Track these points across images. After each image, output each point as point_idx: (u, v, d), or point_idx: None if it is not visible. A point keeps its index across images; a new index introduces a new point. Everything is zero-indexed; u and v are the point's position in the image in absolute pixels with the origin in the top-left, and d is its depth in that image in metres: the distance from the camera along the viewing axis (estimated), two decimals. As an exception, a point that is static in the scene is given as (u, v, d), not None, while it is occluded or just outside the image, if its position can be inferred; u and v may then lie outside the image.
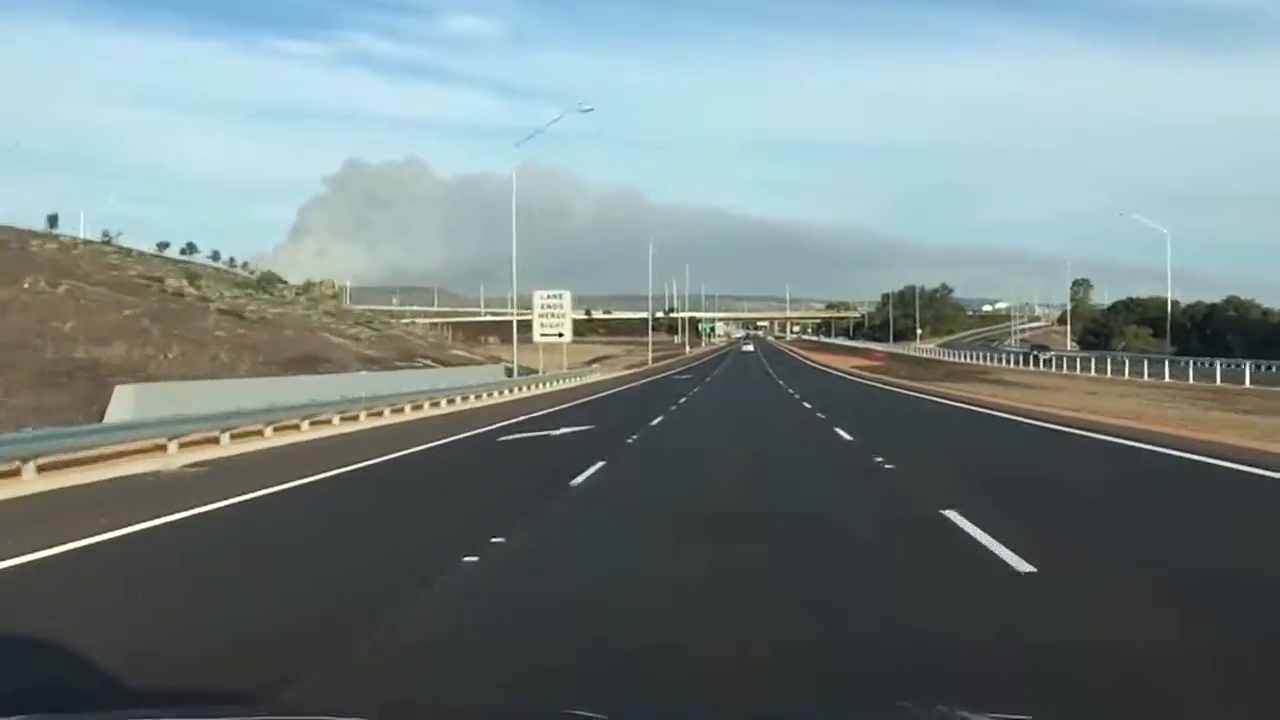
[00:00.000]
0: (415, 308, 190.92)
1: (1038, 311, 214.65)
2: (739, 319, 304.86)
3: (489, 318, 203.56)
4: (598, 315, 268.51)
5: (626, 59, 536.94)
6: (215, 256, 74.41)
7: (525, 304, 62.17)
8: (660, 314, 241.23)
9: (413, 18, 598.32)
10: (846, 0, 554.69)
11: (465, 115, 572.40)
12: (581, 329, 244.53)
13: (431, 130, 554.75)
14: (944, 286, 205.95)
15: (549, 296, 64.07)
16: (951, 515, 11.11)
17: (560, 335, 64.18)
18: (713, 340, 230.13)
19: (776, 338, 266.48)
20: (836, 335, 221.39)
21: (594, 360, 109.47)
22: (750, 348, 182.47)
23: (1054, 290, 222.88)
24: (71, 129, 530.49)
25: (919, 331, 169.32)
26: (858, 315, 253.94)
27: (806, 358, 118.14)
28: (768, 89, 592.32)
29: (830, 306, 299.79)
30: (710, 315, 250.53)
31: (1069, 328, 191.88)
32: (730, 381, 61.93)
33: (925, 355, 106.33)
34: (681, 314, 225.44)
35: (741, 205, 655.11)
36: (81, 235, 61.78)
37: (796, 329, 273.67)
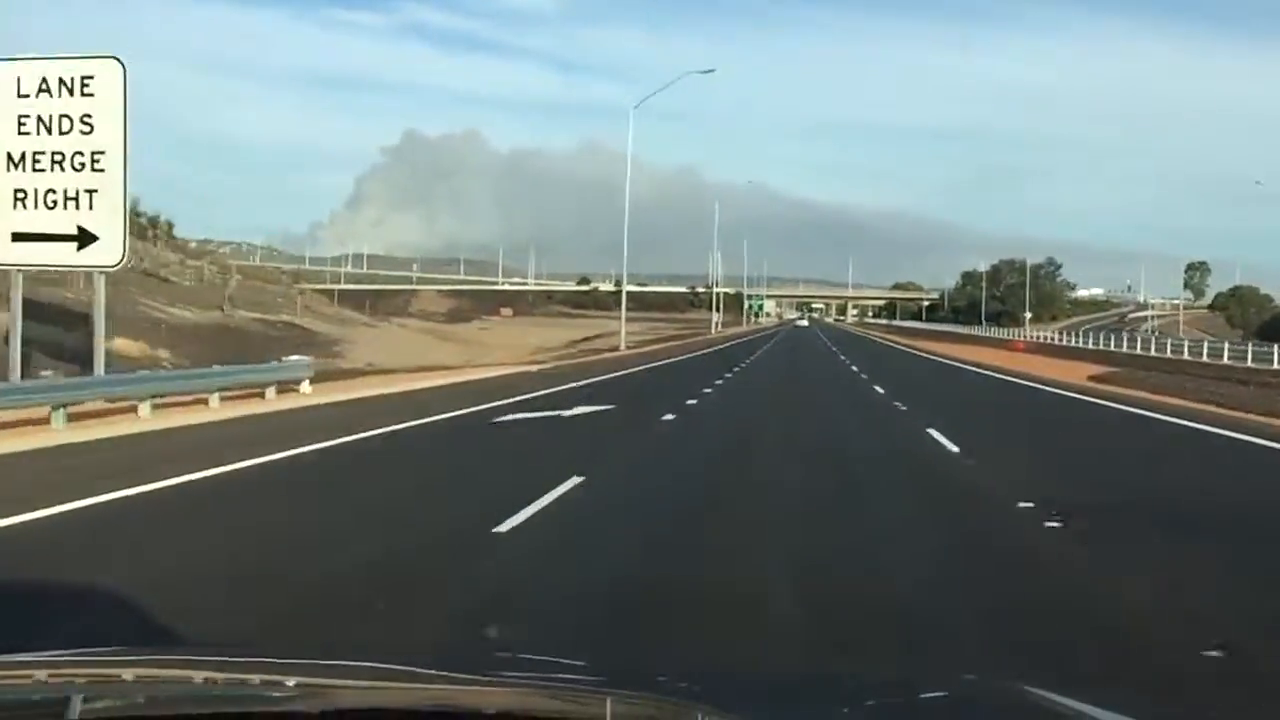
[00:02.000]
0: (436, 276, 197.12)
1: (1142, 297, 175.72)
2: (791, 298, 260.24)
3: (508, 287, 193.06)
4: (631, 288, 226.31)
5: (683, 37, 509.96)
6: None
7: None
8: (702, 289, 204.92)
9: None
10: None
11: (522, 89, 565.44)
12: (608, 302, 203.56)
13: (488, 103, 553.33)
14: (1050, 261, 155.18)
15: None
16: None
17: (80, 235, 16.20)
18: (759, 320, 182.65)
19: (836, 320, 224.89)
20: (902, 318, 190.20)
21: (587, 339, 75.54)
22: (805, 322, 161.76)
23: (1149, 279, 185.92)
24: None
25: (1027, 315, 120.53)
26: (930, 296, 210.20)
27: (914, 349, 67.94)
28: (824, 70, 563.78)
29: (896, 286, 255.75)
30: (757, 292, 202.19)
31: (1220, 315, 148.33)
32: (765, 448, 15.36)
33: (1112, 349, 57.57)
34: (717, 288, 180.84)
35: (795, 186, 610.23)
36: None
37: (855, 311, 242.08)
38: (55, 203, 16.60)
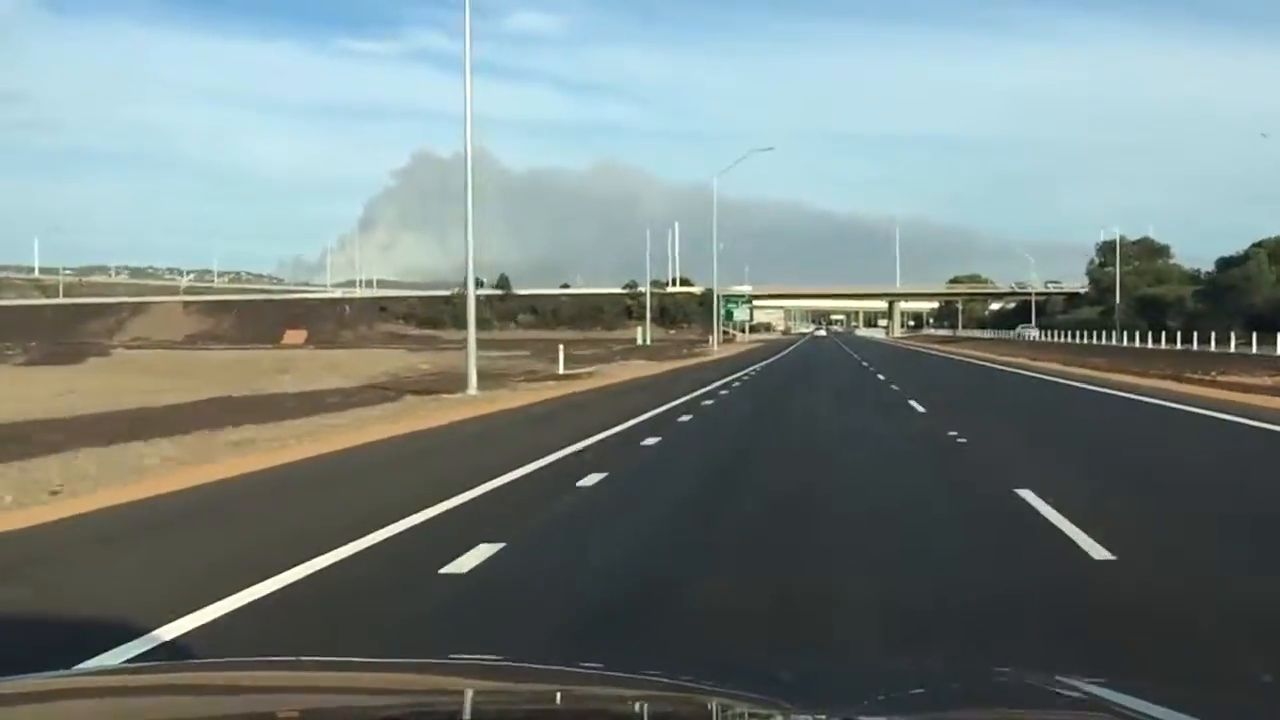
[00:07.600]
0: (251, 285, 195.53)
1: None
2: (803, 296, 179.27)
3: (323, 295, 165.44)
4: (540, 291, 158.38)
5: (690, 54, 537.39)
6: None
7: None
8: (650, 287, 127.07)
9: (477, 16, 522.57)
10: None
11: (532, 111, 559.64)
12: (487, 315, 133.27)
13: (499, 126, 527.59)
14: None
15: None
16: None
17: None
18: (734, 335, 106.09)
19: (884, 331, 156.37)
20: (967, 326, 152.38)
21: None
22: (823, 333, 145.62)
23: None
24: (141, 130, 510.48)
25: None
26: (1032, 290, 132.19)
27: None
28: (834, 83, 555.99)
29: (955, 280, 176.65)
30: (739, 291, 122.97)
31: None
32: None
33: None
34: (656, 285, 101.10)
35: (816, 199, 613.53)
36: None
37: (885, 321, 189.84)
38: None
